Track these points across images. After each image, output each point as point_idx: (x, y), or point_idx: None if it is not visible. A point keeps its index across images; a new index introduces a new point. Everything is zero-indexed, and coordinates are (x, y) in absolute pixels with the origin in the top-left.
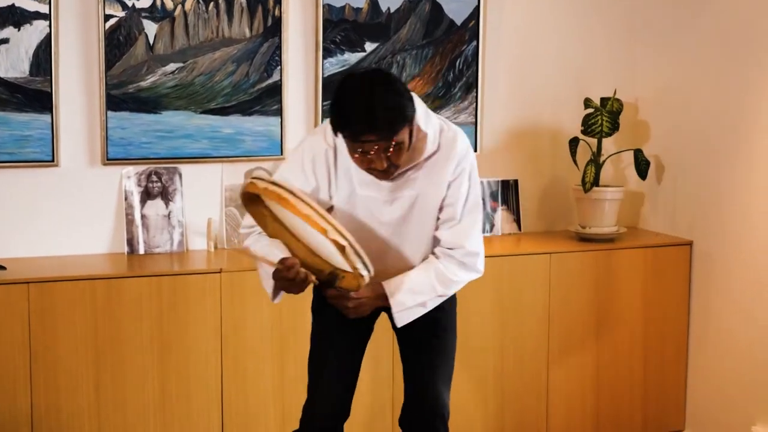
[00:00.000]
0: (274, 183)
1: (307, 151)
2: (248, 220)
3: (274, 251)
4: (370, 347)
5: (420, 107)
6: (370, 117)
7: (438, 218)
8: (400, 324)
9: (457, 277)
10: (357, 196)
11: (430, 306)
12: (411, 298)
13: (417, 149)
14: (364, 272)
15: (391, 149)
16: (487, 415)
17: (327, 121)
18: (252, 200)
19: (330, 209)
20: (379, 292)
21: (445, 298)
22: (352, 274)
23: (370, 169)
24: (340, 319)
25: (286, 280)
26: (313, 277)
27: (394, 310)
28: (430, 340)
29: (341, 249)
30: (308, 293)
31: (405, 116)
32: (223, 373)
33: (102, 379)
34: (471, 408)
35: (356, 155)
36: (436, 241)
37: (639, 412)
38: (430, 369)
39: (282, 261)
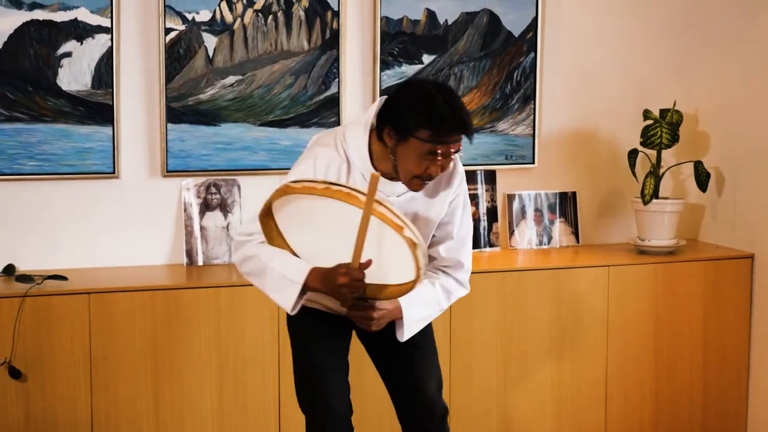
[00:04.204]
0: (328, 182)
1: (321, 161)
2: (247, 227)
3: (297, 263)
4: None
5: None
6: (461, 118)
7: (433, 236)
8: (405, 338)
9: (456, 292)
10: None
11: (430, 320)
12: (420, 312)
13: None
14: (423, 272)
15: (452, 156)
16: (545, 426)
17: (336, 132)
18: (267, 212)
19: None
20: (396, 305)
21: (440, 313)
22: (376, 285)
23: (416, 177)
24: (325, 334)
25: (355, 281)
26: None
27: (406, 322)
28: (411, 351)
29: (413, 246)
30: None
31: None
32: (280, 382)
33: (160, 387)
34: (529, 418)
35: (423, 157)
36: (430, 259)
37: (699, 428)
38: (419, 375)
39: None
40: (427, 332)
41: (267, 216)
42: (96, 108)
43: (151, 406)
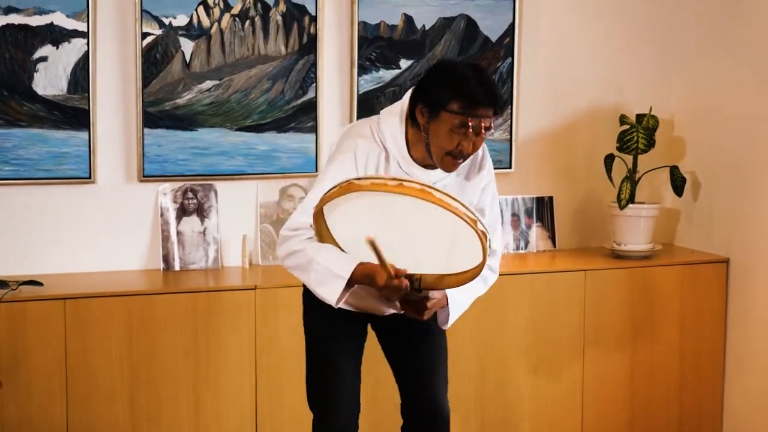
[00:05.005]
0: (399, 178)
1: (361, 152)
2: (293, 223)
3: (343, 258)
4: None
5: None
6: (491, 90)
7: None
8: (449, 325)
9: (490, 278)
10: None
11: (468, 306)
12: (463, 299)
13: None
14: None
15: (483, 133)
16: (521, 430)
17: (370, 122)
18: (320, 213)
19: None
20: (443, 293)
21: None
22: (430, 276)
23: (448, 155)
24: (341, 333)
25: (397, 288)
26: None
27: (452, 309)
28: (428, 345)
29: (484, 237)
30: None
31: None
32: (257, 388)
33: (137, 394)
34: (505, 423)
35: (455, 131)
36: None
37: (675, 430)
38: (431, 372)
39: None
40: (441, 332)
41: (320, 212)
42: (72, 113)
43: (126, 412)
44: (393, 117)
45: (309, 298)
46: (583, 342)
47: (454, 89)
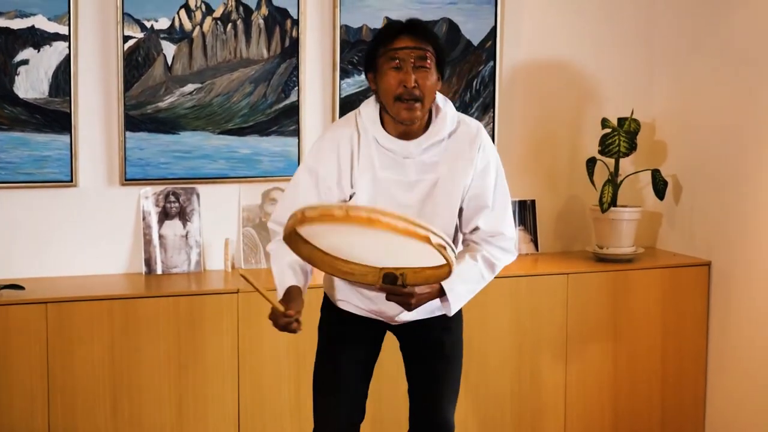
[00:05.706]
0: (347, 207)
1: (330, 138)
2: (279, 215)
3: (285, 279)
4: (388, 364)
5: (439, 94)
6: (407, 23)
7: (461, 208)
8: (452, 312)
9: (500, 261)
10: (379, 180)
11: (476, 292)
12: (465, 288)
13: (438, 125)
14: (453, 260)
15: (420, 64)
16: None
17: (355, 111)
18: (292, 237)
19: (351, 196)
20: (436, 286)
21: (487, 283)
22: (413, 270)
23: (397, 100)
24: (349, 338)
25: (277, 324)
26: (299, 326)
27: (452, 301)
28: (436, 359)
29: (443, 249)
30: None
31: (439, 40)
32: (239, 393)
33: (119, 399)
34: (487, 425)
35: (391, 72)
36: (474, 231)
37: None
38: (436, 387)
39: (285, 311)
40: (457, 346)
41: (291, 236)
42: (53, 116)
43: (109, 417)
44: (370, 100)
45: (325, 300)
46: (565, 345)
47: (378, 36)
